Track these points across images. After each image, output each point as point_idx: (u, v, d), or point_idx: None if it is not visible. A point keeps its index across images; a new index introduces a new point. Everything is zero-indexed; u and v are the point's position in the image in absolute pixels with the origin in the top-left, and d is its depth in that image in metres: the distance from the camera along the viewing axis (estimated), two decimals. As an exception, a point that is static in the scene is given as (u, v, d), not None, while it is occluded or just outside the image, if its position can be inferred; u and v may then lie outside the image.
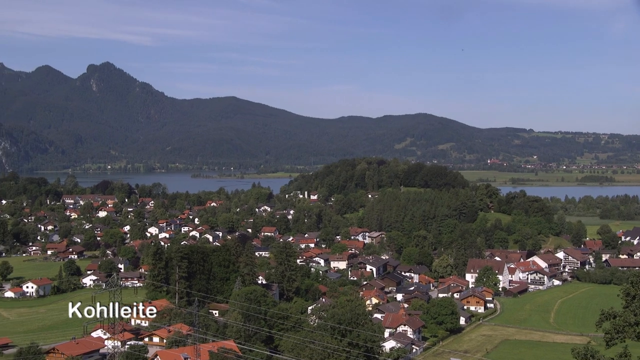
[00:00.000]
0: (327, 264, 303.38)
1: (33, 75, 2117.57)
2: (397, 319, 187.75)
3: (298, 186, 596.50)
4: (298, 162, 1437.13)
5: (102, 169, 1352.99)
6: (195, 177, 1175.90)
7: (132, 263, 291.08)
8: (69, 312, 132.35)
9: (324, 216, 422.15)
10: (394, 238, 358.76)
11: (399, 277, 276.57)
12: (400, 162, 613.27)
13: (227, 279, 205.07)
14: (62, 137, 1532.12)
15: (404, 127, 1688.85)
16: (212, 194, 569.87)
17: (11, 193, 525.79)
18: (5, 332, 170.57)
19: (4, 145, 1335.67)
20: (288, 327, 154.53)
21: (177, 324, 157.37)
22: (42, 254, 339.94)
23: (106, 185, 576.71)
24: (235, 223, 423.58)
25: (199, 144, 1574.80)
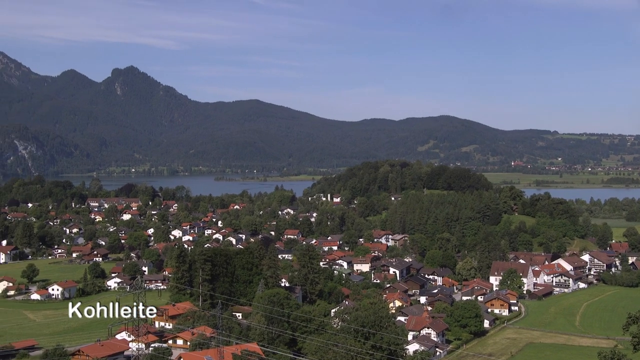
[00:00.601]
0: (350, 267, 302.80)
1: (59, 80, 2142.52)
2: (420, 321, 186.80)
3: (321, 189, 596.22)
4: (321, 165, 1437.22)
5: (126, 172, 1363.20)
6: (219, 180, 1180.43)
7: (156, 266, 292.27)
8: (69, 312, 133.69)
9: (347, 219, 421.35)
10: (417, 240, 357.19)
11: (422, 280, 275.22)
12: (423, 164, 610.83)
13: (250, 282, 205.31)
14: (87, 141, 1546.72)
15: (427, 130, 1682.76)
16: (235, 196, 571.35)
17: (37, 196, 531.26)
18: (31, 334, 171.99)
19: (31, 149, 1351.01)
20: (311, 330, 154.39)
21: (200, 327, 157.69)
22: (67, 256, 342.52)
23: (130, 189, 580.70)
24: (258, 226, 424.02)
25: (222, 147, 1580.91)
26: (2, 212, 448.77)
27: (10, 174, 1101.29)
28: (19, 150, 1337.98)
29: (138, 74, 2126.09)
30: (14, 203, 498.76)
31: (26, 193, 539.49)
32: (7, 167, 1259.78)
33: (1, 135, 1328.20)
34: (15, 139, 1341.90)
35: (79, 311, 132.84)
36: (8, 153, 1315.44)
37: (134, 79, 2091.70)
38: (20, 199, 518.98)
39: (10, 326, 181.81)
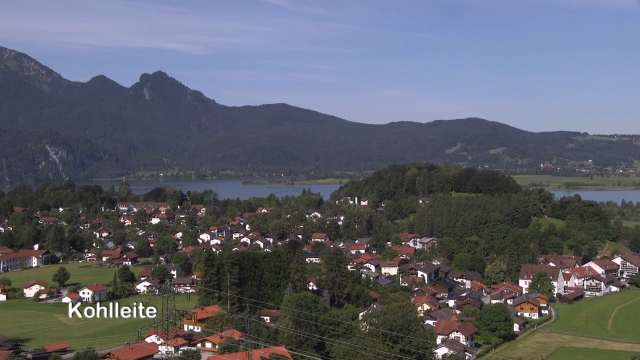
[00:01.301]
0: (377, 270, 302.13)
1: (88, 85, 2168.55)
2: (449, 325, 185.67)
3: (348, 192, 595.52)
4: (348, 168, 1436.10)
5: (155, 177, 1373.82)
6: (246, 183, 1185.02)
7: (185, 269, 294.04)
8: (69, 312, 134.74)
9: (375, 222, 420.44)
10: (445, 244, 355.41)
11: (450, 283, 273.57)
12: (451, 167, 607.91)
13: (278, 285, 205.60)
14: (116, 146, 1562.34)
15: (455, 132, 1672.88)
16: (263, 200, 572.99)
17: (68, 201, 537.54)
18: (63, 337, 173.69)
19: (61, 154, 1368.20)
20: (339, 334, 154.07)
21: (229, 330, 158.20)
22: (97, 260, 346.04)
23: (159, 193, 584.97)
24: (286, 229, 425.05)
25: (249, 151, 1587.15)
26: (34, 216, 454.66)
27: (42, 178, 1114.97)
28: (50, 156, 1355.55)
29: (166, 79, 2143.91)
30: (46, 207, 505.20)
31: (57, 198, 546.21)
32: (38, 172, 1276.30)
33: (33, 140, 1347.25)
34: (46, 144, 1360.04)
35: (78, 311, 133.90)
36: (40, 158, 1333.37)
37: (162, 84, 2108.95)
38: (52, 204, 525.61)
39: (43, 329, 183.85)
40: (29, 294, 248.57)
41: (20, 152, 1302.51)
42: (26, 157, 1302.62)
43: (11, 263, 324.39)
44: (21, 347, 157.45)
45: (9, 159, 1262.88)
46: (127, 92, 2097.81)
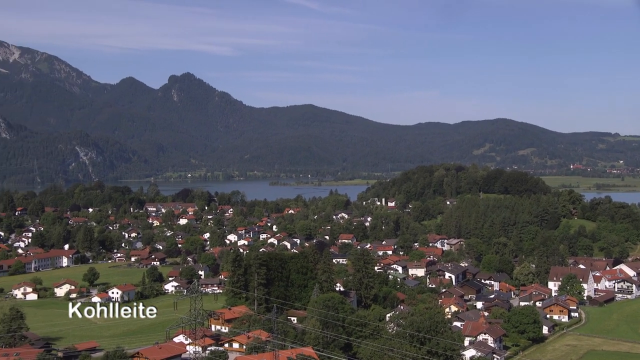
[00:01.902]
0: (405, 271, 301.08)
1: (118, 87, 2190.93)
2: (477, 327, 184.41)
3: (375, 193, 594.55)
4: (375, 169, 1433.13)
5: (183, 177, 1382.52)
6: (273, 184, 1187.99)
7: (212, 270, 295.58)
8: (69, 312, 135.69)
9: (402, 223, 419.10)
10: (473, 245, 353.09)
11: (478, 285, 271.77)
12: (479, 168, 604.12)
13: (305, 286, 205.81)
14: (145, 147, 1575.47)
15: (483, 133, 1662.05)
16: (290, 201, 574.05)
17: (97, 201, 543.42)
18: (92, 336, 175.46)
19: (91, 155, 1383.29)
20: (366, 335, 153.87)
21: (256, 330, 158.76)
22: (126, 260, 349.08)
23: (187, 194, 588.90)
24: (313, 230, 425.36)
25: (276, 152, 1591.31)
26: (65, 217, 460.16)
27: (72, 179, 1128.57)
28: (80, 157, 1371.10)
29: (194, 80, 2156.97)
30: (76, 208, 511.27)
31: (87, 198, 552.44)
32: (69, 173, 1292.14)
33: (63, 142, 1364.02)
34: (76, 145, 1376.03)
35: (79, 311, 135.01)
36: (70, 159, 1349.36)
37: (190, 85, 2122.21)
38: (82, 204, 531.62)
39: (73, 328, 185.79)
40: (60, 293, 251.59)
41: (51, 154, 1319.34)
42: (57, 158, 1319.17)
43: (42, 263, 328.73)
44: (52, 346, 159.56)
45: (40, 160, 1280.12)
46: (155, 93, 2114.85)
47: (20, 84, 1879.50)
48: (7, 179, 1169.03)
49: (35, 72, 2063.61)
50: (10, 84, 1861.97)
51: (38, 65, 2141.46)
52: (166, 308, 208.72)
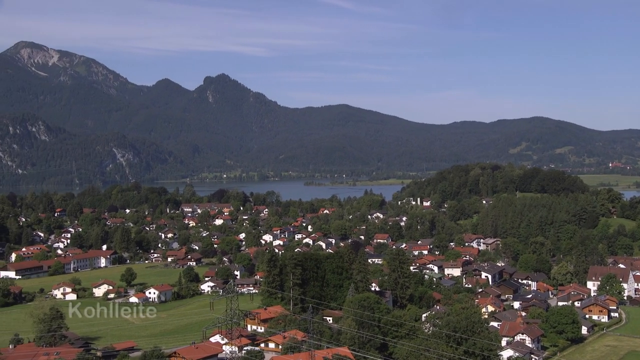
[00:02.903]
0: (440, 271, 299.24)
1: (154, 89, 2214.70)
2: (514, 327, 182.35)
3: (410, 192, 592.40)
4: (410, 169, 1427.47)
5: (218, 178, 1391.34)
6: (308, 184, 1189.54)
7: (248, 270, 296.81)
8: (69, 312, 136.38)
9: (437, 223, 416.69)
10: (510, 245, 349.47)
11: (515, 285, 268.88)
12: (515, 167, 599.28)
13: (340, 286, 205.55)
14: (181, 148, 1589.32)
15: (519, 131, 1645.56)
16: (325, 201, 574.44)
17: (134, 202, 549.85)
18: (130, 335, 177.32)
19: (128, 157, 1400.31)
20: (402, 335, 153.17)
21: (292, 330, 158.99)
22: (162, 260, 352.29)
23: (222, 194, 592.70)
24: (348, 230, 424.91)
25: (311, 152, 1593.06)
26: (102, 217, 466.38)
27: (110, 181, 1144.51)
28: (117, 158, 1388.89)
29: (229, 81, 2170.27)
30: (113, 209, 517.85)
31: (124, 199, 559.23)
32: (106, 174, 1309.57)
33: (101, 143, 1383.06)
34: (113, 147, 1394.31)
35: (79, 311, 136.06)
36: (107, 161, 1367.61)
37: (225, 86, 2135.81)
38: (119, 205, 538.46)
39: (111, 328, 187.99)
40: (98, 294, 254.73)
41: (89, 155, 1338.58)
42: (94, 159, 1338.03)
43: (81, 263, 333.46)
44: (91, 345, 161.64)
45: (79, 161, 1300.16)
46: (191, 95, 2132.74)
47: (59, 87, 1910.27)
48: (46, 181, 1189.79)
49: (73, 75, 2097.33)
50: (49, 87, 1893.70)
51: (76, 68, 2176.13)
52: (202, 308, 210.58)
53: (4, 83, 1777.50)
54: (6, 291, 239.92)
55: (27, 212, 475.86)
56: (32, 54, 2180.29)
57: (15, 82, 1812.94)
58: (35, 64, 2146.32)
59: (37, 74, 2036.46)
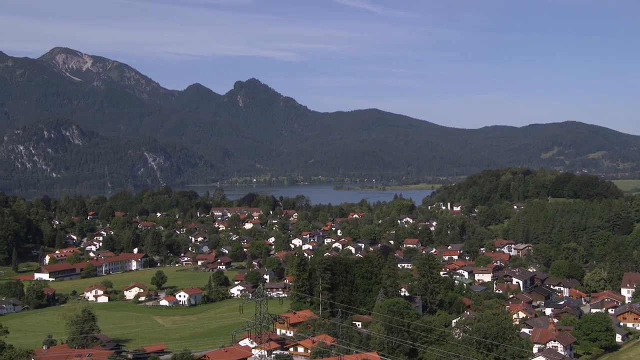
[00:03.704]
0: (471, 277, 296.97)
1: (185, 94, 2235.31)
2: (546, 334, 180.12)
3: (440, 197, 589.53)
4: (440, 173, 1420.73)
5: (248, 182, 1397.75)
6: (338, 189, 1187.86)
7: (277, 274, 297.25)
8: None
9: (468, 228, 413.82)
10: (542, 250, 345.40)
11: (547, 291, 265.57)
12: (547, 171, 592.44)
13: (369, 291, 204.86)
14: (211, 152, 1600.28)
15: (551, 136, 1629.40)
16: (354, 205, 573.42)
17: (165, 206, 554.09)
18: (160, 338, 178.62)
19: (159, 161, 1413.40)
20: (432, 340, 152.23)
21: (321, 335, 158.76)
22: (193, 264, 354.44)
23: (252, 198, 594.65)
24: (378, 235, 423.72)
25: (341, 156, 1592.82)
26: (134, 221, 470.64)
27: (141, 184, 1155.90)
28: (149, 162, 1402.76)
29: (259, 86, 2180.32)
30: (144, 212, 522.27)
31: (155, 203, 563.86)
32: (137, 178, 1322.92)
33: (133, 147, 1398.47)
34: (145, 151, 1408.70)
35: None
36: (139, 165, 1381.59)
37: (256, 91, 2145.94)
38: (150, 209, 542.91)
39: (142, 330, 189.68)
40: (129, 296, 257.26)
41: (121, 159, 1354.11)
42: (126, 163, 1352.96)
43: (113, 266, 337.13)
44: (122, 347, 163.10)
45: (111, 165, 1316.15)
46: (221, 99, 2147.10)
47: (92, 91, 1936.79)
48: (79, 184, 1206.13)
49: (106, 80, 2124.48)
50: (83, 92, 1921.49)
51: (109, 74, 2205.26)
52: (232, 312, 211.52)
53: (40, 88, 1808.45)
54: (40, 293, 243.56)
55: (61, 215, 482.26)
56: (67, 59, 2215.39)
57: (50, 87, 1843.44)
58: (69, 70, 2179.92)
59: (72, 79, 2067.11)
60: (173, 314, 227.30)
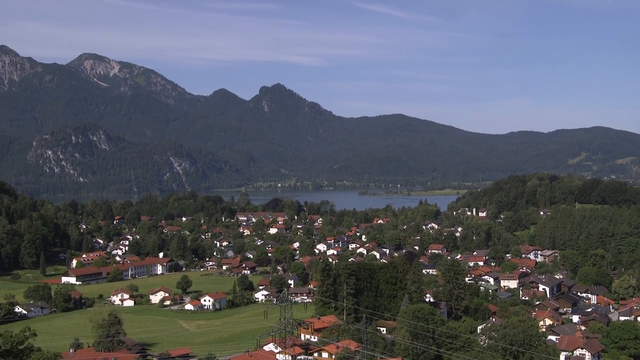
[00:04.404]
0: (496, 283, 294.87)
1: (210, 99, 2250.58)
2: (573, 341, 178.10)
3: (466, 203, 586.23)
4: (466, 179, 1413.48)
5: (273, 187, 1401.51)
6: (363, 194, 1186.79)
7: (302, 279, 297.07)
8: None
9: (493, 233, 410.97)
10: (569, 257, 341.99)
11: (574, 298, 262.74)
12: (574, 177, 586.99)
13: (394, 296, 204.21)
14: (236, 157, 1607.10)
15: (579, 141, 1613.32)
16: (379, 211, 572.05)
17: (190, 210, 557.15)
18: (185, 342, 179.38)
19: (184, 166, 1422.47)
20: (457, 347, 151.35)
21: (345, 340, 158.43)
22: (217, 269, 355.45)
23: (277, 203, 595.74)
24: (402, 240, 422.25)
25: (365, 162, 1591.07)
26: (159, 225, 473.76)
27: (167, 189, 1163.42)
28: (174, 167, 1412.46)
29: (284, 91, 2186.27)
30: (170, 217, 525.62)
31: (180, 207, 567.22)
32: (163, 182, 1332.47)
33: (159, 152, 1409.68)
34: (171, 156, 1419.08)
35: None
36: (165, 170, 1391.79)
37: (281, 96, 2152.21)
38: (175, 213, 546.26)
39: (167, 334, 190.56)
40: (155, 300, 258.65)
41: (147, 164, 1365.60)
42: (152, 168, 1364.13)
43: (138, 270, 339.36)
44: (147, 351, 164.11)
45: (137, 170, 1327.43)
46: (246, 104, 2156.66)
47: (119, 97, 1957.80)
48: (106, 189, 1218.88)
49: (133, 86, 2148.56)
50: (110, 97, 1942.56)
51: (136, 79, 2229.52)
52: (256, 316, 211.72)
53: (68, 94, 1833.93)
54: (67, 296, 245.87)
55: (88, 219, 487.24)
56: (95, 65, 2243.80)
57: (78, 93, 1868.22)
58: (97, 75, 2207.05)
59: (99, 85, 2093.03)
60: (198, 318, 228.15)
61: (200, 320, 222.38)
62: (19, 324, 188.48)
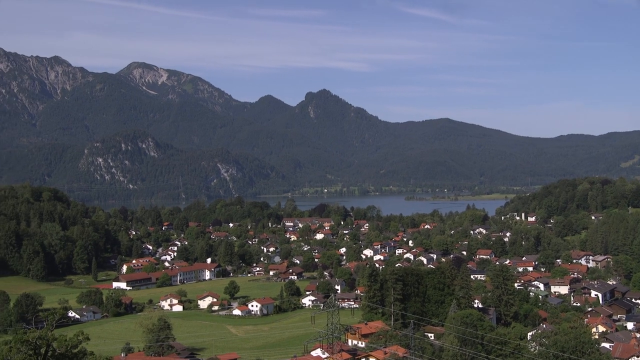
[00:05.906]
0: (547, 289, 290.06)
1: (256, 105, 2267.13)
2: (628, 349, 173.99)
3: (514, 207, 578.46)
4: (514, 183, 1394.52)
5: (319, 193, 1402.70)
6: (409, 199, 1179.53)
7: (349, 284, 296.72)
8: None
9: (543, 238, 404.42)
10: (622, 262, 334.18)
11: (629, 304, 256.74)
12: (627, 181, 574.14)
13: (442, 302, 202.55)
14: (282, 163, 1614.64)
15: (632, 144, 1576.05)
16: (426, 216, 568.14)
17: (237, 216, 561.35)
18: (234, 347, 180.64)
19: (232, 172, 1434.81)
20: (506, 353, 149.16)
21: (392, 346, 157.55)
22: (265, 274, 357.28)
23: (323, 208, 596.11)
24: (450, 245, 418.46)
25: (412, 167, 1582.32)
26: (207, 231, 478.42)
27: (214, 195, 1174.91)
28: (222, 173, 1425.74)
29: (330, 96, 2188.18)
30: (217, 223, 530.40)
31: (227, 213, 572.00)
32: (211, 189, 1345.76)
33: (206, 159, 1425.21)
34: (218, 162, 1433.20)
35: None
36: (212, 176, 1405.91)
37: (327, 101, 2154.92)
38: (223, 219, 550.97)
39: (215, 339, 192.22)
40: (203, 306, 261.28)
41: (195, 170, 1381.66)
42: (200, 174, 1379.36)
43: (187, 275, 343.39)
44: (196, 356, 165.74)
45: (185, 176, 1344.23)
46: (292, 110, 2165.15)
47: (167, 104, 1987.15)
48: (155, 195, 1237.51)
49: (180, 93, 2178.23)
50: (159, 105, 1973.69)
51: (183, 87, 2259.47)
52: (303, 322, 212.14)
53: (118, 102, 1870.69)
54: (118, 301, 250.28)
55: (137, 225, 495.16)
56: (143, 73, 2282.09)
57: (127, 101, 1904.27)
58: (146, 83, 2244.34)
59: (148, 93, 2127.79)
60: (245, 323, 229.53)
61: (247, 326, 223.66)
62: (72, 328, 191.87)
